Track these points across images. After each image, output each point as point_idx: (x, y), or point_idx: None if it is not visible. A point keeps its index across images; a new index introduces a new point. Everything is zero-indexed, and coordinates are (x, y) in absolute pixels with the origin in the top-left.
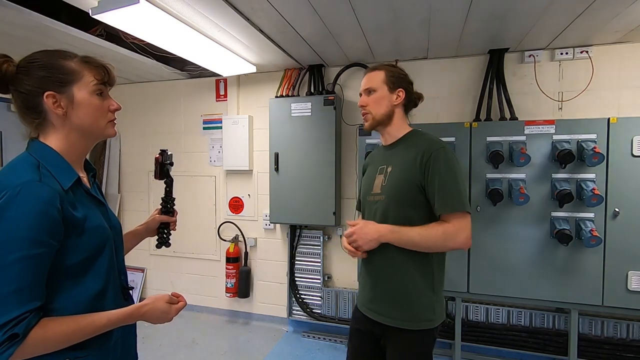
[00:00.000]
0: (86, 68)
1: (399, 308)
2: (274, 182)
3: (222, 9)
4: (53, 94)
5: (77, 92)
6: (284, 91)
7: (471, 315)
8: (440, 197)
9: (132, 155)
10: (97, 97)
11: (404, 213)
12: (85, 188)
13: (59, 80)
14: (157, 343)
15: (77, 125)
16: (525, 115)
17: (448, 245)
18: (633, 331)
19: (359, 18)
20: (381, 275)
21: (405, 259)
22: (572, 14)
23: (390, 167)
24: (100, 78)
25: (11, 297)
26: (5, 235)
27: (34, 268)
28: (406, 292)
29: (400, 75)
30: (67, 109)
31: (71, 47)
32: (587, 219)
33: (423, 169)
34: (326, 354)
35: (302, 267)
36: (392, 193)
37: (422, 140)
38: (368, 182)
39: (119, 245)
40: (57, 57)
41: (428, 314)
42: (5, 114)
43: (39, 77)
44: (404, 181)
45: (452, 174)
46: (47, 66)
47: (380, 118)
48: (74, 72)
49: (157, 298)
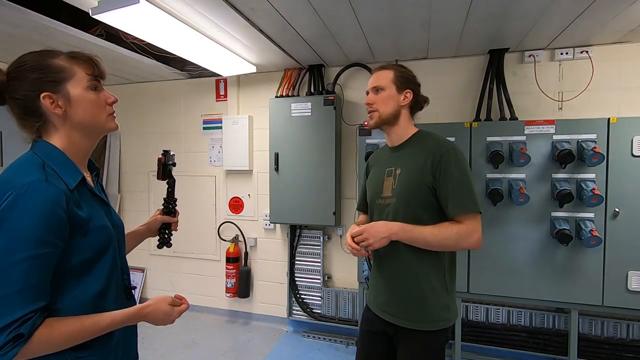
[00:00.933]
0: (75, 64)
1: (415, 310)
2: (274, 182)
3: (222, 8)
4: (49, 94)
5: (72, 90)
6: (284, 91)
7: (471, 315)
8: (454, 199)
9: (132, 155)
10: (92, 91)
11: (414, 214)
12: (89, 187)
13: (52, 79)
14: (157, 343)
15: (78, 123)
16: (525, 115)
17: (461, 245)
18: (633, 331)
19: (359, 18)
20: (395, 278)
21: (418, 260)
22: (572, 14)
23: (399, 169)
24: (91, 72)
25: (16, 296)
26: (12, 235)
27: (39, 268)
28: (422, 294)
29: (409, 76)
30: (65, 107)
31: (71, 47)
32: (587, 219)
33: (434, 171)
34: (326, 354)
35: (302, 267)
36: (403, 195)
37: (430, 141)
38: (376, 184)
39: (121, 245)
40: (45, 57)
41: (443, 314)
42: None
43: (32, 80)
44: (415, 183)
45: (464, 175)
46: (37, 67)
47: (386, 117)
48: (65, 70)
49: (160, 299)
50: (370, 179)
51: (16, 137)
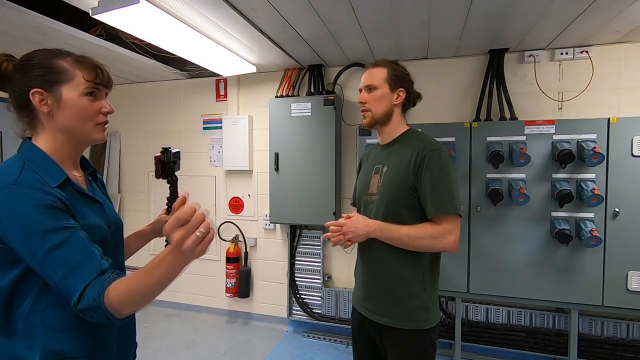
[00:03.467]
0: (78, 68)
1: (390, 307)
2: (274, 182)
3: (222, 8)
4: (40, 91)
5: (65, 93)
6: (284, 91)
7: (471, 315)
8: (432, 199)
9: (132, 155)
10: (88, 98)
11: (396, 213)
12: (77, 188)
13: (48, 79)
14: (157, 343)
15: (63, 126)
16: (525, 115)
17: (436, 246)
18: (633, 331)
19: (359, 18)
20: (373, 273)
21: (396, 258)
22: (572, 14)
23: (385, 167)
24: (91, 79)
25: (78, 270)
26: (21, 232)
27: (74, 247)
28: (397, 292)
29: (403, 74)
30: (53, 108)
31: (71, 47)
32: (587, 219)
33: (416, 170)
34: (326, 354)
35: (302, 267)
36: (386, 193)
37: (418, 140)
38: (364, 181)
39: (119, 244)
40: (51, 57)
41: (421, 315)
42: (5, 114)
43: (30, 76)
44: (398, 182)
45: (445, 176)
46: (39, 65)
47: (379, 117)
48: (65, 72)
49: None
50: (360, 176)
51: (16, 137)
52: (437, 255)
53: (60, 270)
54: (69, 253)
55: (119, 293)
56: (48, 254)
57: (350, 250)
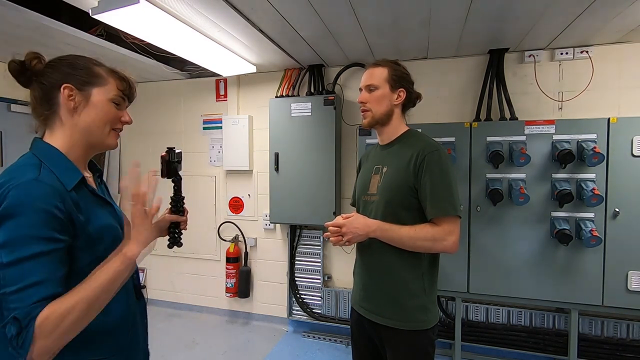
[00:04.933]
0: (112, 76)
1: (389, 307)
2: (274, 182)
3: (222, 9)
4: (71, 87)
5: (95, 94)
6: (284, 91)
7: (471, 315)
8: (432, 200)
9: (132, 155)
10: (114, 105)
11: (395, 213)
12: (90, 188)
13: (84, 79)
14: (157, 343)
15: (83, 125)
16: (525, 115)
17: (435, 247)
18: (633, 331)
19: (359, 18)
20: (372, 274)
21: (395, 259)
22: (572, 14)
23: (385, 167)
24: (122, 89)
25: (24, 292)
26: (11, 234)
27: (47, 264)
28: (396, 292)
29: (403, 74)
30: (79, 105)
31: (71, 47)
32: (587, 219)
33: (416, 171)
34: (326, 354)
35: (302, 267)
36: (386, 193)
37: (418, 141)
38: (364, 181)
39: None
40: (89, 62)
41: (419, 315)
42: (5, 114)
43: (65, 73)
44: (398, 182)
45: (444, 178)
46: (76, 65)
47: (379, 117)
48: (100, 77)
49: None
50: (360, 176)
51: (16, 137)
52: (436, 256)
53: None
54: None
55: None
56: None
57: (350, 250)
